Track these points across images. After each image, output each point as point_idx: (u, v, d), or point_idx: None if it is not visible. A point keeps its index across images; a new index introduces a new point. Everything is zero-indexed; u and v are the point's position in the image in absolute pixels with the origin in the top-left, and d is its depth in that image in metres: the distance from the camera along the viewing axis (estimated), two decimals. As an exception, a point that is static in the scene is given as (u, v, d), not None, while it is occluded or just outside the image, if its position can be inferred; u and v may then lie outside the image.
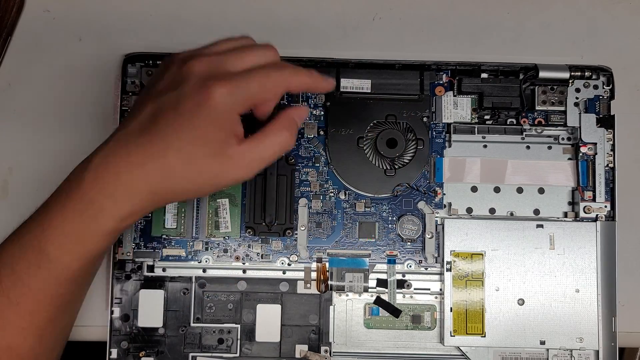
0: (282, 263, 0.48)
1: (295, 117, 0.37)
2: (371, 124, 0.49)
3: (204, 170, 0.34)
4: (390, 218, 0.49)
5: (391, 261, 0.48)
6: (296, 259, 0.48)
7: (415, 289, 0.48)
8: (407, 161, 0.49)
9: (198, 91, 0.33)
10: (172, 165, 0.34)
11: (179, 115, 0.33)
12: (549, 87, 0.49)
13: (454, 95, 0.49)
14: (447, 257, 0.47)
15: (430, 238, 0.48)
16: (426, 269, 0.48)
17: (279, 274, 0.48)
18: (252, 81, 0.34)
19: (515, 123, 0.49)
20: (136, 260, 0.47)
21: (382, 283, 0.48)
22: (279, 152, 0.36)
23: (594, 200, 0.48)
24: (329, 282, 0.48)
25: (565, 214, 0.49)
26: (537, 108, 0.49)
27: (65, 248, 0.35)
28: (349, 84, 0.49)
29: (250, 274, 0.48)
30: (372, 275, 0.48)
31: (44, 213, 0.36)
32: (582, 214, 0.48)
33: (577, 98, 0.49)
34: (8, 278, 0.36)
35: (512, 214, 0.49)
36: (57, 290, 0.37)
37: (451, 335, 0.47)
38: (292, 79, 0.36)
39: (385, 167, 0.49)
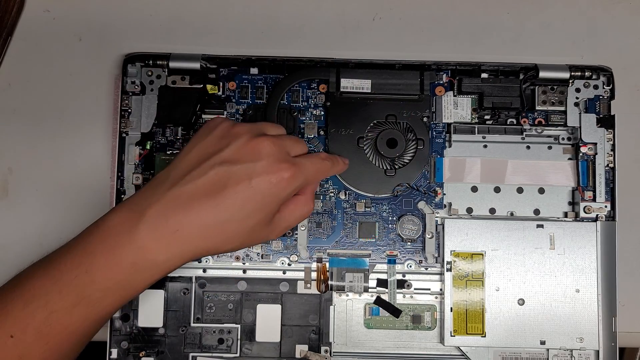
0: (282, 263, 0.48)
1: (323, 177, 0.44)
2: (371, 124, 0.49)
3: (254, 235, 0.39)
4: (390, 218, 0.49)
5: (391, 261, 0.48)
6: (296, 259, 0.48)
7: (415, 289, 0.48)
8: (407, 161, 0.49)
9: (271, 172, 0.37)
10: (233, 230, 0.37)
11: (250, 188, 0.37)
12: (549, 87, 0.49)
13: (454, 95, 0.49)
14: (447, 257, 0.47)
15: (430, 238, 0.48)
16: (426, 269, 0.48)
17: (279, 274, 0.48)
18: (309, 169, 0.40)
19: (515, 123, 0.49)
20: (136, 260, 0.47)
21: (382, 283, 0.48)
22: (302, 220, 0.42)
23: (594, 200, 0.48)
24: (329, 282, 0.48)
25: (566, 214, 0.49)
26: (537, 108, 0.49)
27: (109, 294, 0.36)
28: (349, 84, 0.49)
29: (250, 274, 0.48)
30: (372, 275, 0.48)
31: (85, 255, 0.36)
32: (582, 214, 0.48)
33: (577, 98, 0.49)
34: (41, 311, 0.35)
35: (512, 214, 0.49)
36: (89, 329, 0.37)
37: (451, 335, 0.47)
38: (333, 169, 0.43)
39: (385, 167, 0.49)
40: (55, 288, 0.36)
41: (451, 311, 0.47)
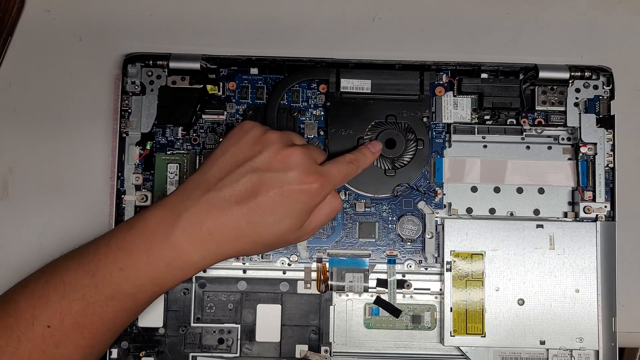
0: (282, 263, 0.48)
1: (348, 180, 0.44)
2: (371, 124, 0.49)
3: (284, 240, 0.40)
4: (390, 218, 0.49)
5: (391, 261, 0.48)
6: (296, 259, 0.48)
7: (415, 289, 0.48)
8: (407, 161, 0.49)
9: (302, 182, 0.39)
10: (264, 236, 0.39)
11: (281, 196, 0.38)
12: (549, 87, 0.49)
13: (454, 96, 0.49)
14: (447, 257, 0.47)
15: (430, 238, 0.48)
16: (426, 269, 0.48)
17: (279, 274, 0.48)
18: (337, 177, 0.41)
19: (515, 123, 0.49)
20: (136, 260, 0.47)
21: (382, 283, 0.48)
22: (333, 216, 0.42)
23: (594, 200, 0.48)
24: (329, 282, 0.48)
25: (565, 214, 0.49)
26: (537, 108, 0.49)
27: (142, 290, 0.38)
28: (349, 84, 0.49)
29: (250, 274, 0.48)
30: (372, 275, 0.48)
31: (120, 253, 0.38)
32: (582, 214, 0.48)
33: (577, 98, 0.49)
34: (78, 304, 0.37)
35: (512, 214, 0.49)
36: (123, 320, 0.39)
37: (451, 335, 0.47)
38: (359, 169, 0.44)
39: (385, 167, 0.49)
40: (92, 282, 0.37)
41: (451, 311, 0.47)
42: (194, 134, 0.49)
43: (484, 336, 0.46)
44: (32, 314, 0.37)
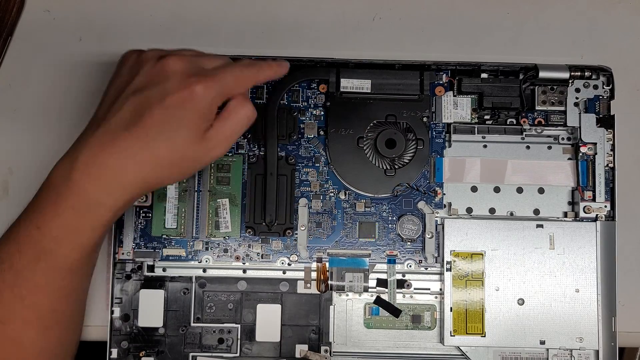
0: (282, 263, 0.48)
1: (247, 85, 0.41)
2: (371, 124, 0.49)
3: (189, 155, 0.38)
4: (390, 218, 0.49)
5: (391, 261, 0.48)
6: (296, 258, 0.48)
7: (415, 288, 0.48)
8: (407, 161, 0.49)
9: (182, 87, 0.37)
10: (162, 155, 0.37)
11: (165, 109, 0.37)
12: (549, 87, 0.49)
13: (454, 95, 0.49)
14: (447, 257, 0.47)
15: (430, 238, 0.48)
16: (426, 268, 0.48)
17: (279, 274, 0.48)
18: (227, 77, 0.38)
19: (515, 123, 0.49)
20: (136, 260, 0.48)
21: (382, 283, 0.48)
22: (246, 125, 0.40)
23: (593, 200, 0.48)
24: (329, 282, 0.48)
25: (565, 214, 0.49)
26: (537, 108, 0.49)
27: (63, 242, 0.38)
28: (349, 84, 0.49)
29: (250, 273, 0.48)
30: (372, 275, 0.48)
31: (35, 212, 0.38)
32: (582, 214, 0.48)
33: (577, 98, 0.49)
34: (8, 273, 0.37)
35: (512, 214, 0.49)
36: (59, 282, 0.39)
37: (451, 335, 0.47)
38: (259, 74, 0.41)
39: (385, 167, 0.49)
40: (16, 248, 0.38)
41: (451, 311, 0.47)
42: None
43: (484, 336, 0.46)
44: None
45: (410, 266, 0.48)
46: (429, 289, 0.48)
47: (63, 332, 0.41)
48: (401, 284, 0.48)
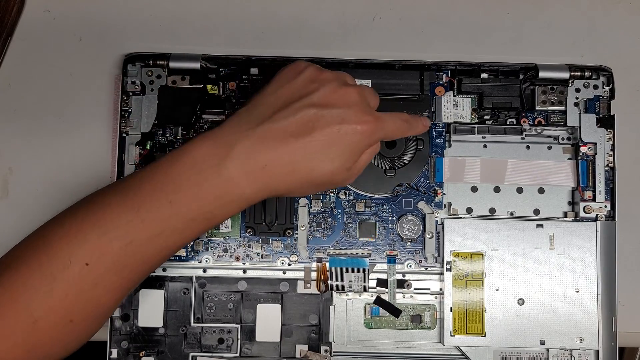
0: (282, 263, 0.48)
1: (400, 136, 0.43)
2: (371, 124, 0.49)
3: (335, 180, 0.39)
4: (390, 218, 0.49)
5: (391, 261, 0.48)
6: (296, 258, 0.48)
7: (415, 288, 0.48)
8: (407, 161, 0.49)
9: (359, 121, 0.38)
10: (317, 173, 0.38)
11: (337, 132, 0.38)
12: (549, 87, 0.49)
13: (454, 95, 0.49)
14: (447, 257, 0.47)
15: (430, 238, 0.48)
16: (426, 268, 0.48)
17: (279, 274, 0.48)
18: (390, 126, 0.41)
19: (515, 123, 0.49)
20: (136, 260, 0.47)
21: (382, 283, 0.48)
22: (369, 162, 0.42)
23: (594, 200, 0.48)
24: (329, 282, 0.48)
25: (565, 214, 0.49)
26: (537, 108, 0.49)
27: (192, 225, 0.37)
28: (349, 84, 0.49)
29: (250, 273, 0.48)
30: (372, 275, 0.48)
31: (169, 185, 0.36)
32: (582, 214, 0.48)
33: (577, 98, 0.49)
34: (119, 241, 0.35)
35: (512, 214, 0.49)
36: (163, 257, 0.38)
37: (451, 335, 0.47)
38: (410, 131, 0.43)
39: (385, 167, 0.49)
40: (137, 217, 0.35)
41: (451, 311, 0.47)
42: (194, 134, 0.49)
43: (484, 336, 0.46)
44: (68, 252, 0.35)
45: (410, 266, 0.48)
46: (429, 289, 0.48)
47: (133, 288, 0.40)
48: (401, 284, 0.48)
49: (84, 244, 0.35)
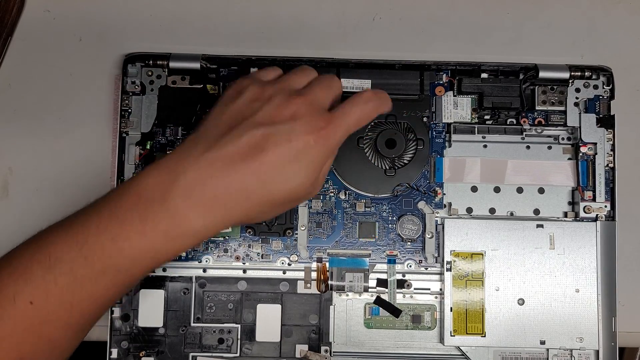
0: (282, 263, 0.48)
1: (365, 124, 0.40)
2: (371, 124, 0.49)
3: (300, 197, 0.37)
4: (390, 218, 0.49)
5: (391, 261, 0.48)
6: (296, 258, 0.48)
7: (415, 288, 0.48)
8: (407, 161, 0.49)
9: (308, 131, 0.36)
10: (276, 196, 0.36)
11: (289, 150, 0.35)
12: (549, 87, 0.49)
13: (454, 95, 0.49)
14: (447, 257, 0.47)
15: (430, 238, 0.48)
16: (426, 268, 0.48)
17: (279, 274, 0.48)
18: (350, 120, 0.38)
19: (515, 123, 0.49)
20: (136, 260, 0.47)
21: (382, 283, 0.48)
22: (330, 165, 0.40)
23: (594, 200, 0.48)
24: (329, 282, 0.48)
25: (565, 214, 0.49)
26: (537, 108, 0.49)
27: (138, 263, 0.35)
28: (349, 84, 0.49)
29: (250, 273, 0.48)
30: (372, 275, 0.48)
31: (112, 220, 0.34)
32: (582, 214, 0.48)
33: (577, 98, 0.49)
34: (65, 278, 0.34)
35: (512, 214, 0.49)
36: (115, 296, 0.36)
37: (451, 335, 0.47)
38: (382, 109, 0.40)
39: (385, 167, 0.49)
40: (81, 254, 0.34)
41: (451, 311, 0.47)
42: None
43: (484, 336, 0.46)
44: (13, 290, 0.33)
45: (410, 266, 0.48)
46: (429, 289, 0.48)
47: (89, 329, 0.38)
48: (401, 284, 0.48)
49: (30, 281, 0.34)
